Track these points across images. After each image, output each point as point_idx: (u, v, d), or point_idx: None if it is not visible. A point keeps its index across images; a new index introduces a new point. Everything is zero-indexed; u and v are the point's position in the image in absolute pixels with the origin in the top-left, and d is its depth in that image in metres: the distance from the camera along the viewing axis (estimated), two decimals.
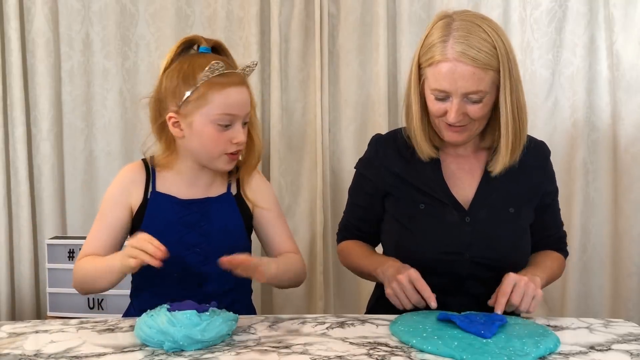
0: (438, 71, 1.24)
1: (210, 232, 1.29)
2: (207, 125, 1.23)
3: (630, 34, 2.01)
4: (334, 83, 2.14)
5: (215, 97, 1.21)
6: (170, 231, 1.26)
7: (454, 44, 1.22)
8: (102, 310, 1.93)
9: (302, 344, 1.07)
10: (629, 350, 1.04)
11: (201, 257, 1.28)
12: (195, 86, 1.21)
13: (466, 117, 1.27)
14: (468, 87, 1.23)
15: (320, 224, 2.11)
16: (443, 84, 1.24)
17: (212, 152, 1.25)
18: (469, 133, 1.32)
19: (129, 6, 2.11)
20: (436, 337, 1.06)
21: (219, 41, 1.32)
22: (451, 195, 1.34)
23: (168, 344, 1.03)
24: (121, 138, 2.14)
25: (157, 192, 1.29)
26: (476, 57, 1.22)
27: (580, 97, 2.02)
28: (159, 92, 1.27)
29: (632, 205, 2.04)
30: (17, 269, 2.13)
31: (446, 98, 1.26)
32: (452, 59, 1.22)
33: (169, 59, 1.27)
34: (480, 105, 1.26)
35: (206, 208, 1.30)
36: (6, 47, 2.07)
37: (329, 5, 2.10)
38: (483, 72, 1.23)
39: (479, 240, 1.31)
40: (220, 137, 1.24)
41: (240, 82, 1.25)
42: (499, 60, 1.24)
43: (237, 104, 1.23)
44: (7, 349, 1.05)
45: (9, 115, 2.09)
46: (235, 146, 1.26)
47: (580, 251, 2.04)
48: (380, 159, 1.41)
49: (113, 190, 1.31)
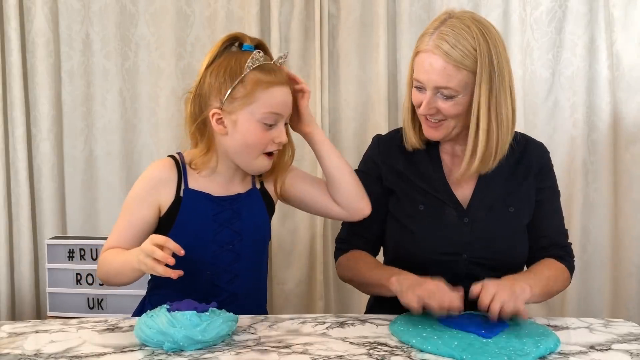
0: (417, 61, 1.30)
1: (242, 229, 1.28)
2: (253, 123, 1.21)
3: (630, 34, 2.01)
4: (334, 83, 2.14)
5: (262, 96, 1.21)
6: (204, 229, 1.25)
7: (434, 37, 1.25)
8: (102, 310, 1.93)
9: (302, 344, 1.07)
10: (629, 350, 1.04)
11: (234, 255, 1.27)
12: (241, 77, 1.20)
13: (439, 113, 1.29)
14: (438, 80, 1.25)
15: (320, 224, 2.11)
16: (417, 74, 1.29)
17: (254, 151, 1.24)
18: (445, 131, 1.32)
19: (129, 6, 2.11)
20: (436, 337, 1.06)
21: (261, 40, 1.31)
22: (452, 193, 1.34)
23: (168, 345, 1.03)
24: (121, 138, 2.14)
25: (191, 189, 1.26)
26: (449, 52, 1.23)
27: (580, 97, 2.02)
28: (201, 89, 1.24)
29: (632, 205, 2.04)
30: (17, 269, 2.13)
31: (422, 89, 1.29)
32: (428, 49, 1.26)
33: (213, 55, 1.25)
34: (452, 103, 1.27)
35: (237, 205, 1.29)
36: (6, 47, 2.06)
37: (329, 5, 2.10)
38: (454, 69, 1.24)
39: (477, 241, 1.31)
40: (265, 136, 1.23)
41: (284, 82, 1.24)
42: (478, 63, 1.23)
43: (282, 104, 1.23)
44: (7, 349, 1.05)
45: (9, 115, 2.09)
46: (277, 145, 1.25)
47: (580, 251, 2.04)
48: (382, 156, 1.42)
49: (141, 188, 1.26)
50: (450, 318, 1.14)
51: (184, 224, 1.23)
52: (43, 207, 2.13)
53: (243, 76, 1.20)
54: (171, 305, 1.09)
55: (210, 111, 1.22)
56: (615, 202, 2.04)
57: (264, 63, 1.21)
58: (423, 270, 1.27)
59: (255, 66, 1.20)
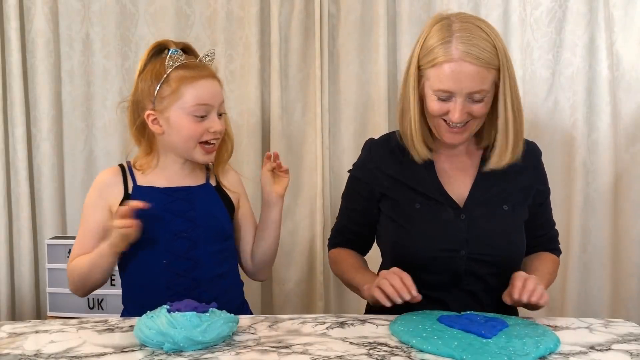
0: (442, 72, 1.25)
1: (196, 217, 1.34)
2: (184, 117, 1.31)
3: (630, 34, 2.01)
4: (334, 83, 2.14)
5: (188, 90, 1.30)
6: (156, 219, 1.30)
7: (458, 45, 1.23)
8: (102, 310, 1.93)
9: (302, 344, 1.07)
10: (629, 350, 1.05)
11: (190, 243, 1.33)
12: (164, 77, 1.30)
13: (468, 117, 1.29)
14: (473, 86, 1.25)
15: (320, 223, 2.11)
16: (447, 84, 1.25)
17: (190, 142, 1.32)
18: (469, 133, 1.33)
19: (129, 6, 2.11)
20: (436, 337, 1.06)
21: (187, 43, 1.41)
22: (446, 193, 1.35)
23: (168, 345, 1.03)
24: (121, 138, 2.13)
25: (139, 185, 1.35)
26: (480, 56, 1.23)
27: (580, 97, 2.02)
28: (135, 95, 1.35)
29: (632, 205, 2.04)
30: (17, 269, 2.13)
31: (449, 98, 1.27)
32: (457, 59, 1.24)
33: (142, 64, 1.37)
34: (483, 104, 1.28)
35: (189, 196, 1.36)
36: (6, 47, 2.06)
37: (329, 5, 2.10)
38: (486, 70, 1.25)
39: (475, 237, 1.32)
40: (198, 127, 1.31)
41: (209, 75, 1.34)
42: (499, 59, 1.26)
43: (208, 95, 1.32)
44: (7, 349, 1.05)
45: (9, 115, 2.09)
46: (212, 135, 1.32)
47: (580, 251, 2.04)
48: (374, 161, 1.42)
49: (90, 196, 1.37)
50: (450, 318, 1.14)
51: (137, 217, 1.27)
52: (43, 207, 2.13)
53: (166, 76, 1.30)
54: (171, 306, 1.09)
55: (145, 114, 1.33)
56: (615, 202, 2.04)
57: (185, 62, 1.31)
58: (422, 269, 1.28)
59: (177, 65, 1.31)
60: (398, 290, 1.20)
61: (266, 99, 2.13)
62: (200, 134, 1.31)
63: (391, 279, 1.22)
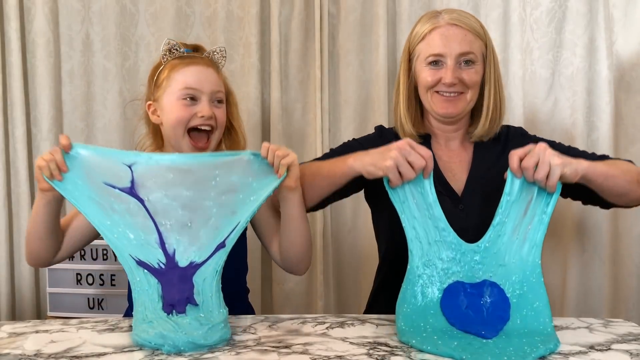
0: (431, 38, 1.36)
1: None
2: (174, 101, 1.32)
3: (630, 34, 2.01)
4: (334, 83, 2.14)
5: (177, 76, 1.32)
6: None
7: (445, 15, 1.37)
8: (102, 310, 1.93)
9: (302, 344, 1.07)
10: (628, 350, 1.05)
11: None
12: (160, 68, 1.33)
13: (460, 84, 1.35)
14: (462, 46, 1.34)
15: (320, 223, 2.11)
16: (437, 48, 1.34)
17: (179, 128, 1.32)
18: (463, 104, 1.38)
19: (129, 6, 2.11)
20: (436, 337, 1.06)
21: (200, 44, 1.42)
22: (446, 183, 1.38)
23: (167, 348, 1.03)
24: (121, 138, 2.13)
25: None
26: (467, 22, 1.36)
27: (580, 97, 2.02)
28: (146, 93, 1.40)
29: None
30: (17, 269, 2.13)
31: (440, 64, 1.35)
32: (444, 24, 1.35)
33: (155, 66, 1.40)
34: (473, 71, 1.36)
35: None
36: (6, 47, 2.06)
37: (329, 5, 2.10)
38: (473, 36, 1.36)
39: (474, 227, 1.32)
40: (187, 111, 1.31)
41: (202, 62, 1.34)
42: (486, 36, 1.38)
43: (197, 79, 1.32)
44: (7, 349, 1.05)
45: (9, 115, 2.09)
46: (201, 120, 1.31)
47: (580, 251, 2.04)
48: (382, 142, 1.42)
49: None
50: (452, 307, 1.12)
51: None
52: None
53: (162, 66, 1.34)
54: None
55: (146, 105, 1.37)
56: None
57: (184, 54, 1.34)
58: None
59: (174, 57, 1.34)
60: (417, 168, 1.14)
61: (266, 99, 2.14)
62: (188, 119, 1.31)
63: (408, 154, 1.13)
